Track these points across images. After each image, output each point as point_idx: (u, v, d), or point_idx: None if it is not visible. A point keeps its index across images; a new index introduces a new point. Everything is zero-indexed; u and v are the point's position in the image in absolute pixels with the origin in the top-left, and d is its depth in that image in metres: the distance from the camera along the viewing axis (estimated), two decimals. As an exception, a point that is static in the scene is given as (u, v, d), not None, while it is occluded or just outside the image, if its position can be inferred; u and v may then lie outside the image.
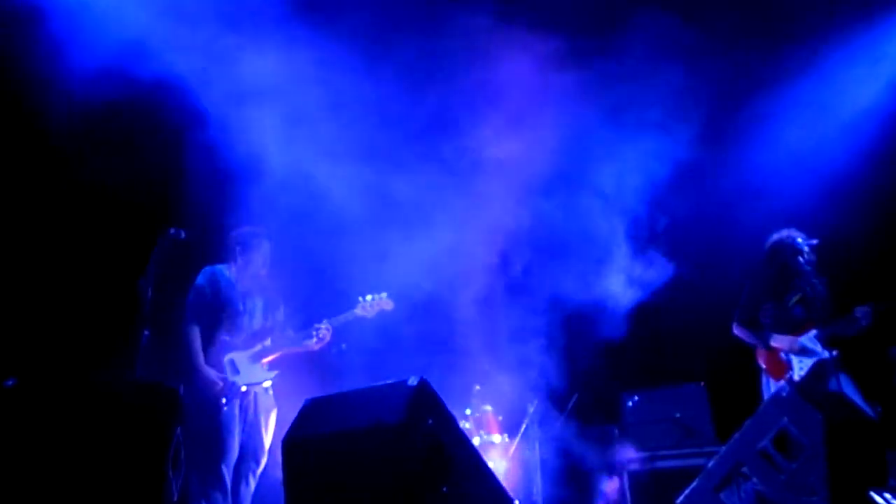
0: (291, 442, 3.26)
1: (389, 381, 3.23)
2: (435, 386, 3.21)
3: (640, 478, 5.95)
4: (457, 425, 3.23)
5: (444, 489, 2.98)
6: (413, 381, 3.10)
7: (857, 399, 4.58)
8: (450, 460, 3.07)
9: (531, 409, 5.96)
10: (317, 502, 3.11)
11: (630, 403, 6.48)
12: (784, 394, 3.50)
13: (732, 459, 3.60)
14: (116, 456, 2.81)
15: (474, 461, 3.25)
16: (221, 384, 4.47)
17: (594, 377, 6.63)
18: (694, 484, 3.75)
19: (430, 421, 3.07)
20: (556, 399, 6.45)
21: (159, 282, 4.36)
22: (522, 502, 5.70)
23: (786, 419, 3.45)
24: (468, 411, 5.85)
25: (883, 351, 6.91)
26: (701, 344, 6.79)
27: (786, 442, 3.43)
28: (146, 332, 4.06)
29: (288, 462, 3.22)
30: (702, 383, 6.51)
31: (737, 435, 3.67)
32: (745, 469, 3.53)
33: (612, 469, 5.99)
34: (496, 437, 5.80)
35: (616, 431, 6.26)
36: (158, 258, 4.41)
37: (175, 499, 3.12)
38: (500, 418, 5.97)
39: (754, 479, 3.48)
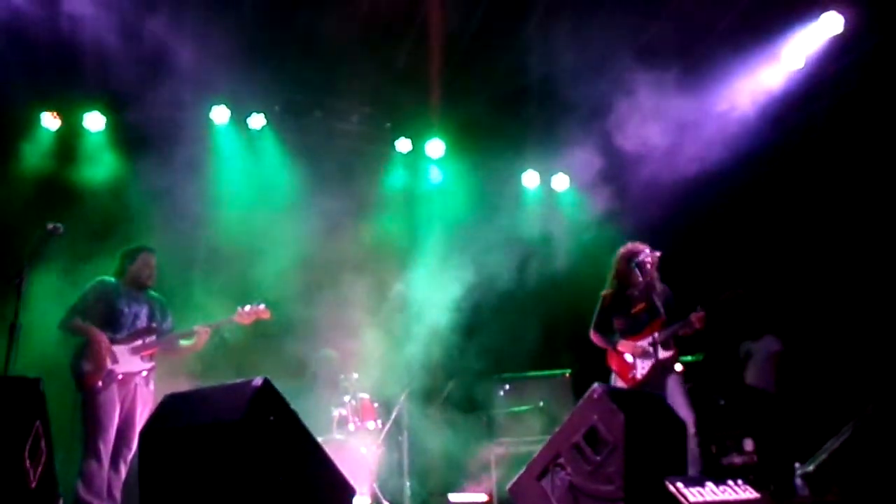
0: (147, 434, 3.56)
1: (238, 381, 3.56)
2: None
3: (505, 462, 6.46)
4: (298, 421, 3.58)
5: (281, 478, 3.34)
6: (257, 381, 3.44)
7: (679, 396, 5.12)
8: (289, 453, 3.43)
9: (403, 397, 6.37)
10: (168, 492, 3.42)
11: (501, 392, 6.98)
12: (595, 395, 3.99)
13: (552, 451, 4.08)
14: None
15: (315, 454, 3.63)
16: (108, 341, 4.91)
17: (469, 366, 7.10)
18: (522, 471, 4.23)
19: (272, 418, 3.41)
20: (432, 387, 6.90)
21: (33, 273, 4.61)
22: (392, 487, 6.13)
23: (595, 417, 3.94)
24: (347, 398, 6.20)
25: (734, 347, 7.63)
26: (570, 336, 7.36)
27: (595, 437, 3.92)
28: (20, 325, 4.29)
29: (143, 453, 3.52)
30: (567, 373, 7.08)
31: (557, 429, 4.16)
32: (561, 460, 4.02)
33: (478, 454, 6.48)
34: (370, 424, 6.19)
35: (485, 418, 6.75)
36: (35, 251, 4.61)
37: (34, 486, 3.35)
38: (377, 406, 6.36)
39: (568, 469, 3.97)
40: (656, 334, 5.42)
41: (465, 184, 8.98)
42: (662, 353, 5.36)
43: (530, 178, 9.37)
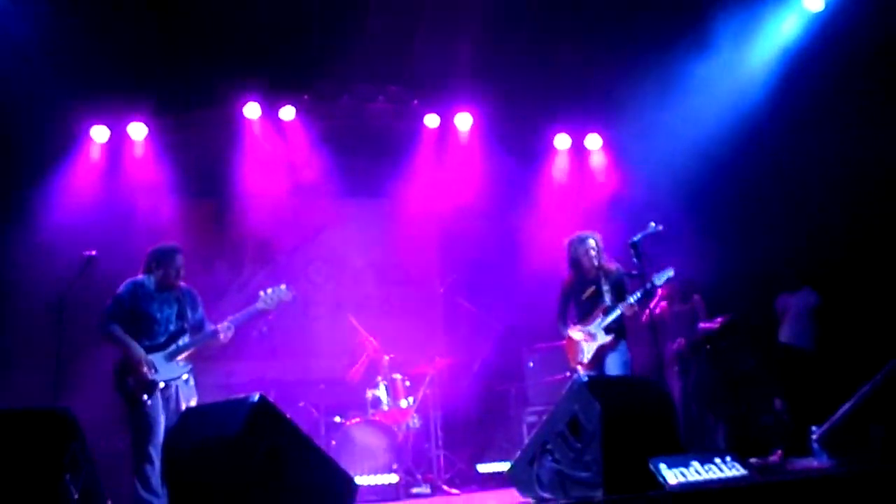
0: (167, 447, 4.04)
1: (239, 397, 3.96)
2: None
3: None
4: (295, 429, 3.96)
5: (279, 483, 3.75)
6: (254, 397, 3.83)
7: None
8: (285, 459, 3.82)
9: (430, 374, 6.71)
10: (189, 499, 3.89)
11: (531, 364, 7.22)
12: (576, 386, 4.19)
13: (542, 438, 4.33)
14: (14, 471, 3.59)
15: (313, 455, 4.00)
16: (148, 357, 5.16)
17: (496, 341, 7.35)
18: (517, 455, 4.51)
19: (267, 430, 3.80)
20: (461, 362, 7.21)
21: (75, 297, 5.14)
22: (425, 460, 6.54)
23: (577, 406, 4.14)
24: (379, 378, 6.60)
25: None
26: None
27: (577, 426, 4.13)
28: (62, 349, 4.82)
29: (166, 464, 4.00)
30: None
31: (546, 417, 4.39)
32: (549, 447, 4.26)
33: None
34: (403, 402, 6.57)
35: (513, 391, 7.02)
36: (74, 278, 5.13)
37: (76, 496, 3.87)
38: (408, 384, 6.73)
39: (555, 456, 4.21)
40: (599, 319, 5.49)
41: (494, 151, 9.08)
42: (603, 338, 5.49)
43: (561, 140, 9.36)
